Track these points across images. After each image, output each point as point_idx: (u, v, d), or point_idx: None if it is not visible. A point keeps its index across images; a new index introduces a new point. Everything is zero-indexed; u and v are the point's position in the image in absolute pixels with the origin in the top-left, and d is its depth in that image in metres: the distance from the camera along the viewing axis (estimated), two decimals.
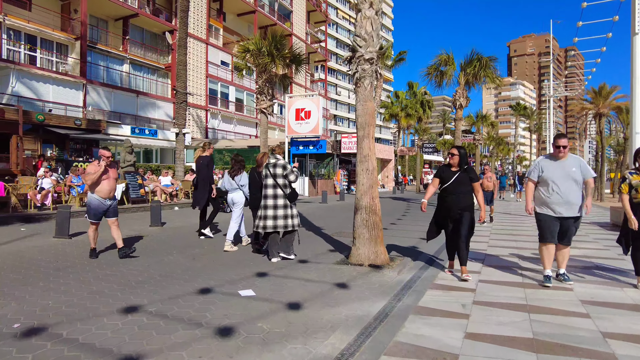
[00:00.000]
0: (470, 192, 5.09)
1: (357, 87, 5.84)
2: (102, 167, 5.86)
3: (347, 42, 68.58)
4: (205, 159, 7.94)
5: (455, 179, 5.04)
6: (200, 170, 7.93)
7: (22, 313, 3.74)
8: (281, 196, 5.92)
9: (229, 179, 7.13)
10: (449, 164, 5.17)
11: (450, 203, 5.06)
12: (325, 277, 5.21)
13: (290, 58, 13.61)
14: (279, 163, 5.97)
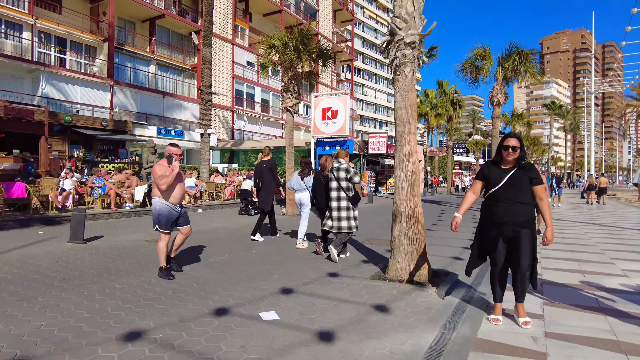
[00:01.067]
0: (531, 199, 3.54)
1: (397, 75, 5.08)
2: (177, 168, 5.00)
3: (374, 42, 67.58)
4: (268, 162, 8.15)
5: (509, 180, 3.51)
6: (264, 174, 8.06)
7: (6, 339, 3.18)
8: (344, 198, 6.22)
9: (299, 180, 7.46)
10: (499, 159, 3.64)
11: (502, 216, 3.53)
12: (361, 296, 4.47)
13: (317, 53, 12.93)
14: (342, 167, 6.25)
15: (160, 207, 5.01)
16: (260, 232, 8.12)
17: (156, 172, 4.94)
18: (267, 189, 8.07)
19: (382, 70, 70.64)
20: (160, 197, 5.02)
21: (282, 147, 25.14)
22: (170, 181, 4.92)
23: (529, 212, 3.54)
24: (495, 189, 3.59)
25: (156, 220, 5.02)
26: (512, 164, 3.56)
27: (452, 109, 37.05)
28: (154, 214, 5.03)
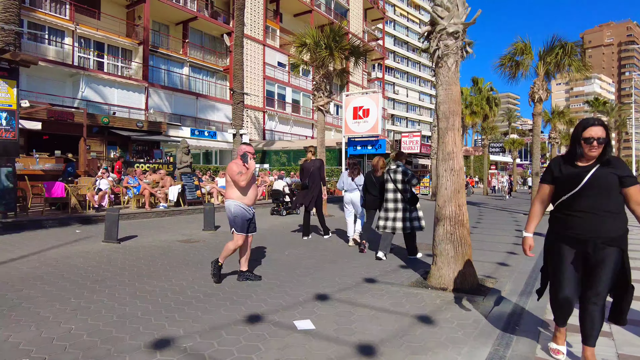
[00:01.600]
0: (622, 206, 2.62)
1: (438, 67, 4.74)
2: (253, 166, 4.72)
3: (405, 40, 66.53)
4: (317, 161, 8.27)
5: (590, 181, 2.61)
6: (312, 173, 8.12)
7: (36, 342, 3.08)
8: (400, 200, 6.25)
9: (349, 180, 7.65)
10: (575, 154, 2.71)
11: (583, 230, 2.64)
12: (402, 305, 4.16)
13: (349, 50, 12.63)
14: (400, 170, 6.25)
15: (236, 209, 4.73)
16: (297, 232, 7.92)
17: (233, 169, 4.70)
18: (317, 188, 8.17)
19: (413, 68, 69.47)
20: (235, 198, 4.74)
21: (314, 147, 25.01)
22: (249, 177, 4.69)
23: (621, 225, 2.60)
24: (570, 194, 2.67)
25: (232, 222, 4.78)
26: (593, 159, 2.65)
27: (487, 107, 35.79)
28: (229, 217, 4.79)
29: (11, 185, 8.71)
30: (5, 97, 8.67)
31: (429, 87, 73.13)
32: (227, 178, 4.79)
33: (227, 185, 4.83)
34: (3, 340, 3.11)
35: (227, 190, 4.84)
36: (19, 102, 9.18)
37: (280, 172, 19.71)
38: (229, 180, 4.78)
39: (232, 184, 4.76)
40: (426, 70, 72.25)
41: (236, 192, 4.76)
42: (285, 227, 10.10)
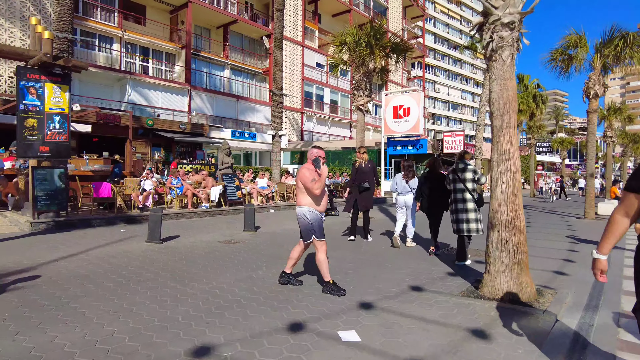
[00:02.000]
0: None
1: (492, 61, 4.40)
2: (326, 171, 4.52)
3: (446, 37, 64.89)
4: (371, 163, 8.25)
5: None
6: (368, 174, 8.12)
7: (80, 345, 3.07)
8: (470, 200, 6.09)
9: (403, 183, 7.66)
10: None
11: None
12: (453, 316, 3.87)
13: (390, 47, 12.30)
14: (469, 168, 6.14)
15: (312, 216, 4.53)
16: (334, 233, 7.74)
17: (307, 176, 4.46)
18: (371, 189, 8.19)
19: (455, 66, 67.62)
20: (308, 205, 4.53)
21: (351, 148, 24.78)
22: (323, 184, 4.49)
23: None
24: None
25: (311, 230, 4.54)
26: None
27: (534, 104, 34.11)
28: (306, 225, 4.54)
29: (63, 185, 9.08)
30: (59, 102, 9.04)
31: (471, 84, 70.93)
32: (298, 184, 4.57)
33: (299, 192, 4.61)
34: (49, 341, 3.13)
35: (299, 196, 4.61)
36: (70, 106, 9.56)
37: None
38: (300, 187, 4.55)
39: (304, 190, 4.54)
40: (468, 67, 70.14)
41: (308, 198, 4.54)
42: (325, 228, 9.93)
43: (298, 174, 4.60)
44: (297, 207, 4.64)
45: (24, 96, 8.62)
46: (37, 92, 8.72)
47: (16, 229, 8.43)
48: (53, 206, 8.89)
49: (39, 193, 8.67)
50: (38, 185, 8.65)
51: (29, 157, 9.03)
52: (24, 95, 8.62)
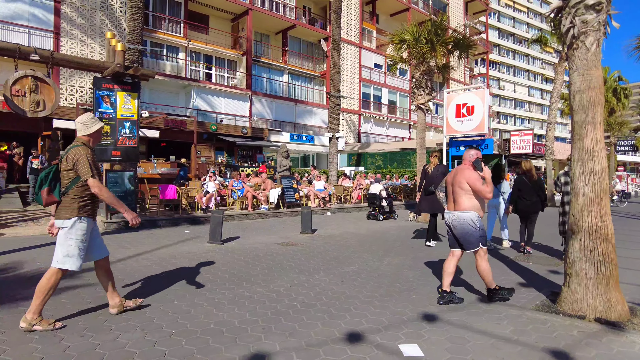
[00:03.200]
0: None
1: (573, 49, 3.94)
2: (489, 173, 4.24)
3: (512, 31, 61.48)
4: (442, 167, 8.27)
5: None
6: (437, 179, 7.92)
7: (140, 345, 3.12)
8: None
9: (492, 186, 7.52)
10: None
11: None
12: (527, 334, 3.48)
13: (452, 43, 11.73)
14: None
15: (480, 222, 4.24)
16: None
17: (475, 177, 4.17)
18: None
19: (521, 61, 63.79)
20: (476, 210, 4.24)
21: (410, 149, 24.09)
22: (492, 187, 4.23)
23: None
24: None
25: (480, 237, 4.20)
26: None
27: (614, 99, 31.18)
28: (474, 232, 4.18)
29: (132, 187, 9.61)
30: (129, 109, 9.60)
31: (539, 81, 66.52)
32: (462, 186, 4.24)
33: (459, 195, 4.28)
34: (113, 340, 3.21)
35: (460, 200, 4.27)
36: (139, 112, 10.11)
37: (376, 175, 19.26)
38: (465, 189, 4.23)
39: (470, 193, 4.22)
40: (536, 62, 65.88)
41: (474, 202, 4.23)
42: (382, 233, 9.66)
43: (460, 175, 4.26)
44: (459, 212, 4.25)
45: (99, 104, 9.24)
46: (111, 100, 9.32)
47: None
48: None
49: None
50: (110, 188, 9.21)
51: (103, 161, 9.66)
52: (99, 104, 9.25)
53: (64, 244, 3.47)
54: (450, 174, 4.50)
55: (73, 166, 3.46)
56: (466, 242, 4.22)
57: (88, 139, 3.65)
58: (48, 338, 3.21)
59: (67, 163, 3.47)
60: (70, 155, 3.47)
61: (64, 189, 3.49)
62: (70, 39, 17.98)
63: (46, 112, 8.66)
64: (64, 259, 3.44)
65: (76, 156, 3.46)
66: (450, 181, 4.40)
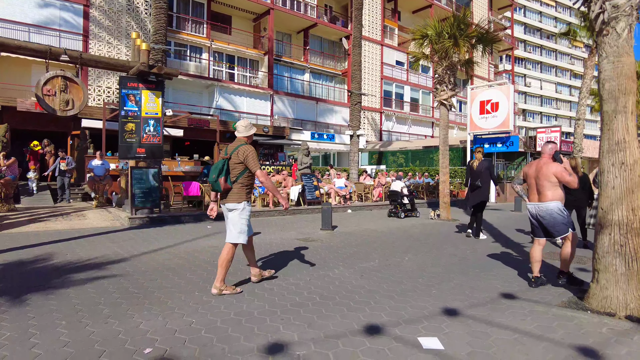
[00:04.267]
0: None
1: (603, 36, 3.79)
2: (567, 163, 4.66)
3: (538, 26, 59.87)
4: (485, 162, 8.42)
5: None
6: (481, 173, 8.26)
7: (161, 332, 3.17)
8: None
9: None
10: None
11: None
12: (553, 330, 3.37)
13: (476, 37, 11.49)
14: None
15: (565, 210, 4.56)
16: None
17: (562, 171, 4.42)
18: (485, 188, 8.29)
19: (548, 57, 62.03)
20: (560, 200, 4.53)
21: (433, 147, 23.76)
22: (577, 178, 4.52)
23: None
24: None
25: (567, 223, 4.50)
26: None
27: None
28: (563, 219, 4.50)
29: (157, 184, 9.81)
30: (153, 107, 9.81)
31: (567, 77, 64.52)
32: (550, 179, 4.47)
33: (545, 187, 4.52)
34: (135, 327, 3.28)
35: (545, 191, 4.52)
36: (163, 111, 10.32)
37: (397, 173, 19.09)
38: (552, 181, 4.47)
39: (556, 184, 4.50)
40: (564, 58, 63.94)
41: (559, 192, 4.52)
42: (404, 230, 9.56)
43: (546, 169, 4.51)
44: (545, 203, 4.54)
45: (125, 103, 9.48)
46: (135, 98, 9.53)
47: (118, 223, 9.27)
48: (148, 203, 9.65)
49: (136, 191, 9.46)
50: (135, 184, 9.44)
51: (128, 159, 9.90)
52: (125, 102, 9.48)
53: (237, 223, 4.24)
54: (530, 168, 4.73)
55: (243, 160, 4.18)
56: (556, 230, 4.53)
57: (247, 139, 4.37)
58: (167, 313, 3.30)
59: (237, 157, 4.21)
60: (241, 151, 4.20)
61: (235, 178, 4.24)
62: (98, 41, 18.51)
63: (75, 111, 8.93)
64: (238, 235, 4.23)
65: (246, 152, 4.19)
66: (533, 175, 4.64)
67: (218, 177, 4.16)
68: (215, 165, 4.24)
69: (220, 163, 4.22)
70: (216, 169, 4.19)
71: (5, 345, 2.90)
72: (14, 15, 16.77)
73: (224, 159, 4.26)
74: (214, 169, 4.20)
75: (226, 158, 4.27)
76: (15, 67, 16.88)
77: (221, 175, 4.17)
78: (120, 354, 2.80)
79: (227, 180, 4.20)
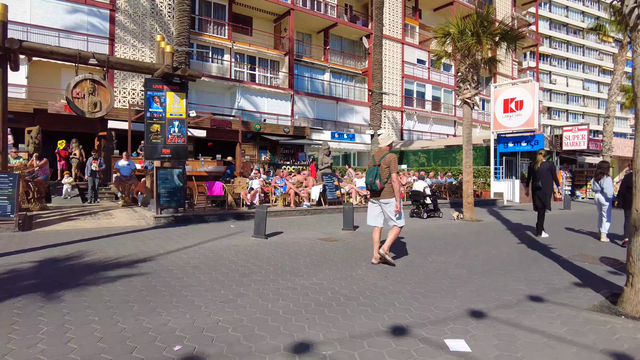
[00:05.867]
0: None
1: (638, 30, 3.66)
2: None
3: (564, 22, 58.27)
4: (547, 164, 8.61)
5: None
6: (544, 174, 8.49)
7: (190, 330, 3.24)
8: None
9: (593, 181, 8.48)
10: None
11: None
12: (584, 335, 3.29)
13: (500, 34, 11.28)
14: None
15: None
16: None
17: None
18: (546, 188, 8.51)
19: (575, 53, 60.30)
20: None
21: (455, 146, 23.43)
22: None
23: None
24: None
25: None
26: None
27: None
28: None
29: (181, 184, 10.00)
30: (177, 108, 10.00)
31: (595, 73, 62.57)
32: None
33: None
34: (164, 324, 3.36)
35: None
36: (187, 112, 10.51)
37: (419, 173, 18.91)
38: None
39: None
40: (592, 53, 62.02)
41: None
42: (427, 230, 9.47)
43: None
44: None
45: (150, 104, 9.69)
46: (160, 100, 9.74)
47: (143, 222, 9.49)
48: (173, 203, 9.84)
49: (161, 191, 9.66)
50: (160, 184, 9.65)
51: (153, 159, 10.12)
52: (150, 104, 9.69)
53: (393, 212, 5.45)
54: None
55: (389, 165, 5.38)
56: None
57: (388, 147, 5.62)
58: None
59: (385, 163, 5.42)
60: (387, 158, 5.42)
61: (385, 180, 5.42)
62: (124, 44, 18.97)
63: (102, 113, 9.19)
64: (398, 221, 5.50)
65: (391, 159, 5.42)
66: None
67: (374, 180, 5.40)
68: (369, 171, 5.51)
69: (373, 169, 5.46)
70: (371, 173, 5.47)
71: (43, 339, 3.02)
72: (44, 21, 17.36)
73: (374, 166, 5.49)
74: (369, 174, 5.50)
75: (376, 165, 5.47)
76: (46, 70, 17.47)
77: (376, 179, 5.40)
78: (151, 351, 2.88)
79: (380, 182, 5.40)
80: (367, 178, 5.48)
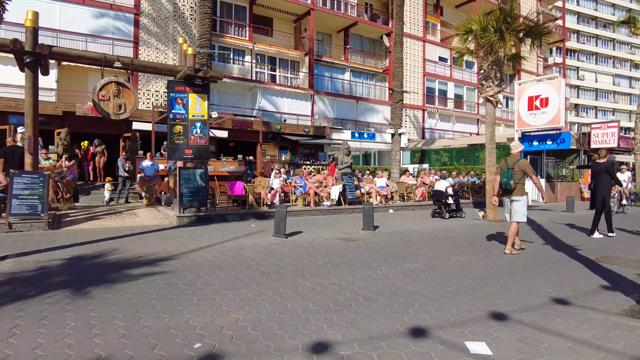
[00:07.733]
0: None
1: None
2: None
3: (594, 15, 56.40)
4: (604, 164, 8.75)
5: None
6: (599, 175, 8.68)
7: (209, 328, 3.29)
8: None
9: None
10: None
11: None
12: (613, 340, 3.18)
13: (523, 30, 11.00)
14: None
15: None
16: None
17: None
18: (601, 188, 8.65)
19: (605, 47, 58.27)
20: None
21: (478, 145, 23.02)
22: None
23: None
24: None
25: None
26: None
27: None
28: None
29: (203, 184, 10.16)
30: (199, 109, 10.16)
31: (626, 67, 60.33)
32: None
33: None
34: (185, 322, 3.42)
35: None
36: (209, 113, 10.66)
37: (441, 172, 18.65)
38: None
39: None
40: (623, 47, 59.82)
41: None
42: (449, 231, 9.34)
43: None
44: None
45: (173, 106, 9.88)
46: (183, 101, 9.92)
47: (166, 221, 9.69)
48: (195, 202, 10.01)
49: (184, 191, 9.84)
50: (183, 184, 9.82)
51: (176, 160, 10.31)
52: (173, 105, 9.88)
53: (521, 209, 6.49)
54: None
55: (523, 169, 6.43)
56: None
57: (519, 153, 6.69)
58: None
59: (519, 167, 6.45)
60: (521, 163, 6.46)
61: (518, 181, 6.45)
62: (147, 47, 19.40)
63: (127, 115, 9.42)
64: (520, 217, 6.50)
65: (525, 164, 6.45)
66: None
67: (509, 180, 6.42)
68: (503, 172, 6.53)
69: (509, 172, 6.46)
70: (505, 175, 6.48)
71: (70, 334, 3.12)
72: (73, 26, 17.92)
73: (508, 169, 6.48)
74: (504, 175, 6.52)
75: (510, 168, 6.46)
76: (74, 74, 18.04)
77: (510, 179, 6.40)
78: (172, 348, 2.94)
79: (514, 182, 6.37)
80: (502, 179, 6.50)
